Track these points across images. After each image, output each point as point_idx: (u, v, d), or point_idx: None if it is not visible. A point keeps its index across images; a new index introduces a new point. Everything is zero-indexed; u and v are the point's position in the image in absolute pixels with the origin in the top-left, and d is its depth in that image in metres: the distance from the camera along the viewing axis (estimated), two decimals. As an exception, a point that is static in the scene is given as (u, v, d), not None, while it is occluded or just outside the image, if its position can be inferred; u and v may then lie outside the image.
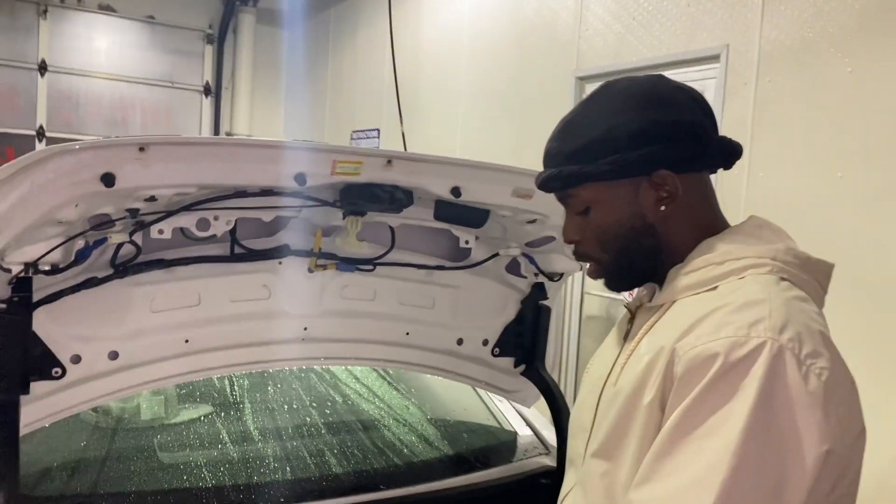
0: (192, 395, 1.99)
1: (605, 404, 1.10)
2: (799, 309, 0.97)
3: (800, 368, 0.89)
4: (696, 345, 0.92)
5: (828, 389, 0.90)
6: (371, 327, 1.83)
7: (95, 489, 1.54)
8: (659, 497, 0.90)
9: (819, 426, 0.89)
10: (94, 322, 1.51)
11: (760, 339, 0.90)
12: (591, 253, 1.13)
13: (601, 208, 1.09)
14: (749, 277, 1.01)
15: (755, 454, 0.87)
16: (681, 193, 1.06)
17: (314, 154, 1.36)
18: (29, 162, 1.14)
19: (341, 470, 1.74)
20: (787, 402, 0.88)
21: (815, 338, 0.93)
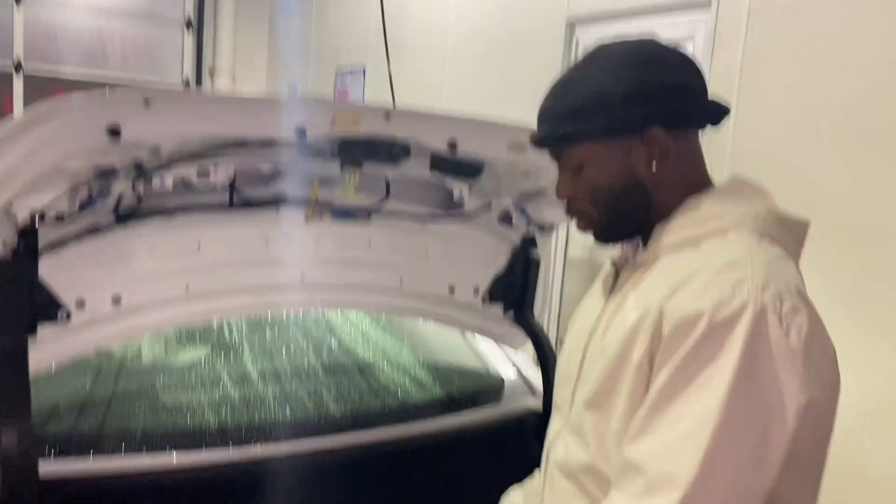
0: (192, 339, 2.05)
1: (592, 356, 1.16)
2: (779, 268, 1.02)
3: (781, 325, 0.95)
4: (684, 306, 0.98)
5: (807, 344, 0.97)
6: (366, 275, 1.88)
7: (103, 427, 1.61)
8: (652, 451, 0.97)
9: (800, 378, 0.95)
10: (98, 269, 1.55)
11: (744, 298, 0.95)
12: (583, 209, 1.17)
13: (594, 166, 1.13)
14: (731, 237, 1.06)
15: (741, 407, 0.94)
16: (672, 152, 1.10)
17: (315, 108, 1.39)
18: (37, 115, 1.16)
19: (338, 409, 1.81)
20: (769, 358, 0.95)
21: (794, 295, 0.99)
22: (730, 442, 0.93)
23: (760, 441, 0.95)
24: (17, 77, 7.48)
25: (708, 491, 0.93)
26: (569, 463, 1.16)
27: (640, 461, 0.98)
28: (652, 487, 0.95)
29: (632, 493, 0.97)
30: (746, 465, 0.95)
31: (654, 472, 0.96)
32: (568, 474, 1.16)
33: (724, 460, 0.93)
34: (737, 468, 0.94)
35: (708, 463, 0.93)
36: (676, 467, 0.94)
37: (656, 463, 0.96)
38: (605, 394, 1.09)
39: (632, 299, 1.11)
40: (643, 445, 0.98)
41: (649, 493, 0.95)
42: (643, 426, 0.99)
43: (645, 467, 0.97)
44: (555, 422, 1.28)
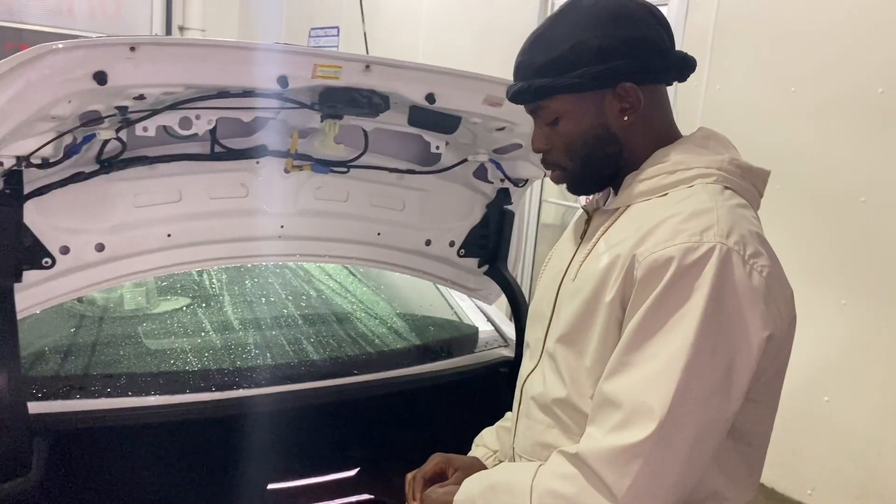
0: (173, 287, 2.08)
1: (564, 297, 1.23)
2: (741, 215, 1.10)
3: (744, 267, 1.03)
4: (655, 251, 1.05)
5: (768, 284, 1.05)
6: (344, 227, 1.92)
7: (88, 371, 1.65)
8: (628, 386, 1.04)
9: (762, 315, 1.04)
10: (82, 215, 1.57)
11: (710, 243, 1.03)
12: (559, 161, 1.23)
13: (569, 119, 1.18)
14: (697, 186, 1.13)
15: (709, 343, 1.01)
16: (642, 105, 1.16)
17: (296, 57, 1.41)
18: (25, 59, 1.18)
19: (318, 357, 1.87)
20: (734, 297, 1.02)
21: (756, 240, 1.07)
22: (699, 375, 1.01)
23: (727, 373, 1.03)
24: (-20, 31, 7.30)
25: (680, 420, 1.01)
26: (545, 397, 1.22)
27: (617, 396, 1.05)
28: (628, 420, 1.02)
29: (609, 426, 1.04)
30: (714, 395, 1.03)
31: (629, 405, 1.03)
32: (543, 407, 1.23)
33: (695, 392, 1.01)
34: (706, 398, 1.02)
35: (680, 395, 1.00)
36: (651, 400, 1.01)
37: (632, 397, 1.03)
38: (578, 332, 1.16)
39: (603, 244, 1.17)
40: (619, 382, 1.05)
41: (626, 425, 1.02)
42: (619, 364, 1.06)
43: (621, 401, 1.04)
44: (527, 361, 1.35)
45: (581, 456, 1.06)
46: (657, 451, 1.00)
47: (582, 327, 1.15)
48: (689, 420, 1.02)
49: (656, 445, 1.00)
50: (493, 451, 1.49)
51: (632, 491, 1.00)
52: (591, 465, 1.04)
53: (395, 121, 1.71)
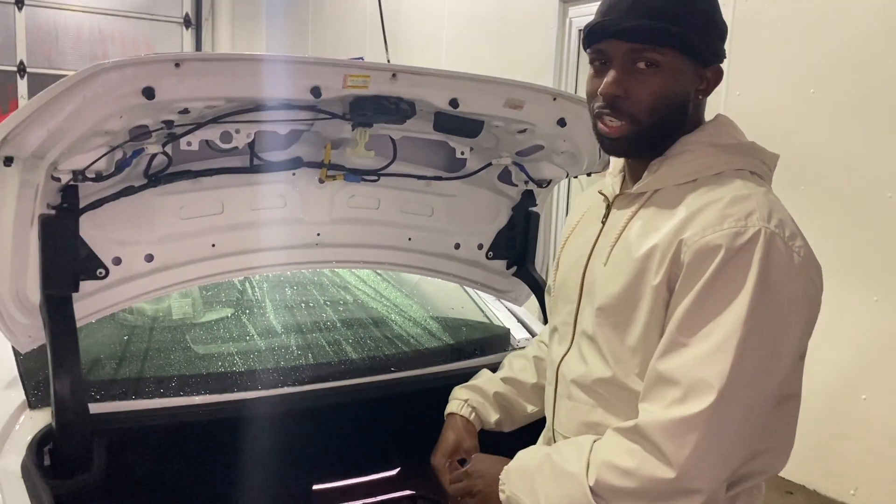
0: (217, 297, 2.19)
1: (597, 280, 1.27)
2: (773, 200, 1.17)
3: (786, 248, 1.10)
4: (704, 236, 1.11)
5: (805, 262, 1.12)
6: (377, 233, 2.01)
7: (142, 374, 1.74)
8: (684, 364, 1.10)
9: (804, 292, 1.12)
10: (131, 228, 1.67)
11: (756, 227, 1.10)
12: (635, 112, 1.19)
13: (669, 76, 1.17)
14: (726, 173, 1.20)
15: (759, 322, 1.08)
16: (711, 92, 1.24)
17: (327, 68, 1.51)
18: (81, 77, 1.29)
19: (357, 356, 1.94)
20: (780, 278, 1.09)
21: (791, 223, 1.15)
22: (752, 351, 1.08)
23: (775, 348, 1.10)
24: (21, 79, 7.62)
25: (736, 393, 1.07)
26: (587, 377, 1.27)
27: (673, 374, 1.10)
28: (686, 395, 1.08)
29: (667, 402, 1.10)
30: (765, 369, 1.09)
31: (687, 381, 1.09)
32: (586, 388, 1.28)
33: (749, 367, 1.08)
34: (757, 373, 1.09)
35: (736, 370, 1.07)
36: (708, 375, 1.07)
37: (689, 374, 1.09)
38: (620, 314, 1.21)
39: (636, 228, 1.22)
40: (674, 360, 1.11)
41: (684, 399, 1.08)
42: (673, 344, 1.12)
43: (678, 378, 1.09)
44: (556, 345, 1.40)
45: (640, 429, 1.11)
46: (714, 422, 1.06)
47: (624, 309, 1.20)
48: (744, 393, 1.08)
49: (713, 417, 1.06)
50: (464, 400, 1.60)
51: (690, 460, 1.06)
52: (651, 436, 1.09)
53: (421, 128, 1.80)
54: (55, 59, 7.78)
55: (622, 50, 1.18)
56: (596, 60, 1.23)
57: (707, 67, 1.22)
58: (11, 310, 1.55)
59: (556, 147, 1.89)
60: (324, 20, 7.57)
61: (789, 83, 3.46)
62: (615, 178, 1.35)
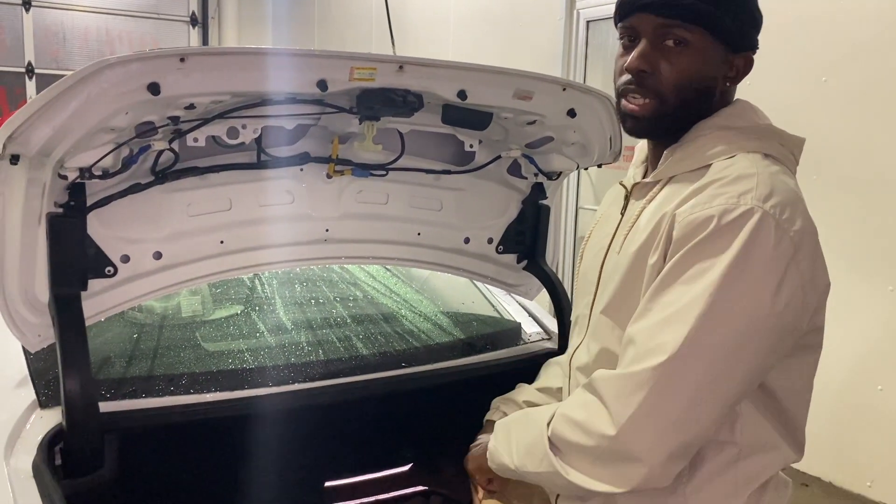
0: (227, 294, 2.18)
1: (609, 270, 1.27)
2: (782, 181, 1.14)
3: (777, 231, 1.07)
4: (693, 212, 1.10)
5: (797, 250, 1.08)
6: (386, 228, 1.99)
7: (152, 372, 1.73)
8: (646, 328, 1.10)
9: (789, 278, 1.08)
10: (139, 225, 1.66)
11: (748, 206, 1.07)
12: (660, 89, 1.19)
13: (697, 56, 1.18)
14: (739, 155, 1.17)
15: (729, 298, 1.06)
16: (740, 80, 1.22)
17: (333, 61, 1.49)
18: (84, 74, 1.27)
19: (367, 352, 1.93)
20: (762, 259, 1.06)
21: (795, 206, 1.11)
22: (715, 324, 1.06)
23: (746, 329, 1.07)
24: (29, 80, 7.65)
25: (688, 361, 1.06)
26: (589, 368, 1.27)
27: (634, 336, 1.11)
28: (640, 356, 1.09)
29: (624, 363, 1.11)
30: (726, 350, 1.07)
31: (643, 343, 1.09)
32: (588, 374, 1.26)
33: (708, 338, 1.06)
34: (718, 348, 1.07)
35: (692, 339, 1.05)
36: (663, 338, 1.07)
37: (647, 336, 1.09)
38: (622, 299, 1.20)
39: (647, 215, 1.22)
40: (639, 325, 1.12)
41: (638, 361, 1.09)
42: (642, 310, 1.12)
43: (636, 340, 1.10)
44: (574, 337, 1.40)
45: (593, 382, 1.13)
46: (659, 385, 1.06)
47: (626, 293, 1.20)
48: (698, 363, 1.06)
49: (660, 379, 1.06)
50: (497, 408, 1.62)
51: (631, 420, 1.07)
52: (600, 390, 1.11)
53: (429, 121, 1.78)
54: (63, 59, 7.81)
55: (652, 25, 1.18)
56: (625, 37, 1.22)
57: (737, 54, 1.20)
58: (21, 309, 1.54)
59: (566, 138, 1.87)
60: (330, 18, 7.55)
61: (801, 72, 3.42)
62: (637, 169, 1.34)
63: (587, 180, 4.84)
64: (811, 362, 1.22)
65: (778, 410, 1.19)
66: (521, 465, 1.24)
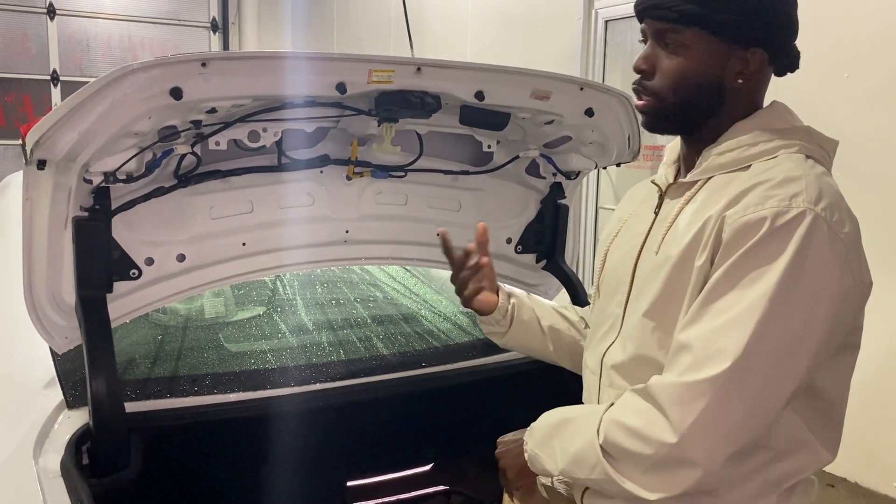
0: (249, 295, 2.21)
1: (645, 270, 1.26)
2: (827, 183, 1.14)
3: (830, 233, 1.07)
4: (745, 214, 1.09)
5: (849, 251, 1.09)
6: (405, 229, 2.00)
7: (176, 373, 1.76)
8: (701, 335, 1.09)
9: (840, 280, 1.08)
10: (163, 228, 1.69)
11: (801, 208, 1.07)
12: (659, 90, 1.21)
13: (693, 55, 1.19)
14: (781, 157, 1.17)
15: (787, 301, 1.05)
16: (756, 78, 1.21)
17: (352, 64, 1.50)
18: (109, 80, 1.30)
19: (388, 352, 1.95)
20: (817, 261, 1.06)
21: (842, 207, 1.11)
22: (775, 328, 1.05)
23: (803, 331, 1.07)
24: (54, 88, 7.77)
25: (751, 367, 1.05)
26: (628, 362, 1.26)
27: (690, 342, 1.09)
28: (700, 362, 1.07)
29: (682, 368, 1.09)
30: (787, 350, 1.07)
31: (702, 349, 1.07)
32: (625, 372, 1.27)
33: (768, 343, 1.05)
34: (777, 353, 1.06)
35: (753, 344, 1.04)
36: (724, 344, 1.05)
37: (704, 342, 1.07)
38: (667, 301, 1.19)
39: (687, 215, 1.20)
40: (694, 330, 1.10)
41: (697, 367, 1.07)
42: (695, 315, 1.11)
43: (693, 346, 1.08)
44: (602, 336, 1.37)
45: (650, 389, 1.11)
46: (723, 391, 1.05)
47: (671, 295, 1.18)
48: (759, 369, 1.05)
49: (722, 386, 1.05)
50: None
51: (693, 428, 1.05)
52: (658, 398, 1.09)
53: (447, 122, 1.79)
54: (87, 66, 7.93)
55: (653, 28, 1.22)
56: (642, 40, 1.26)
57: (747, 50, 1.18)
58: (48, 311, 1.57)
59: (584, 138, 1.87)
60: (348, 20, 7.59)
61: (822, 68, 3.39)
62: (669, 169, 1.34)
63: (607, 180, 4.83)
64: (851, 361, 1.21)
65: (818, 410, 1.18)
66: (569, 471, 1.22)
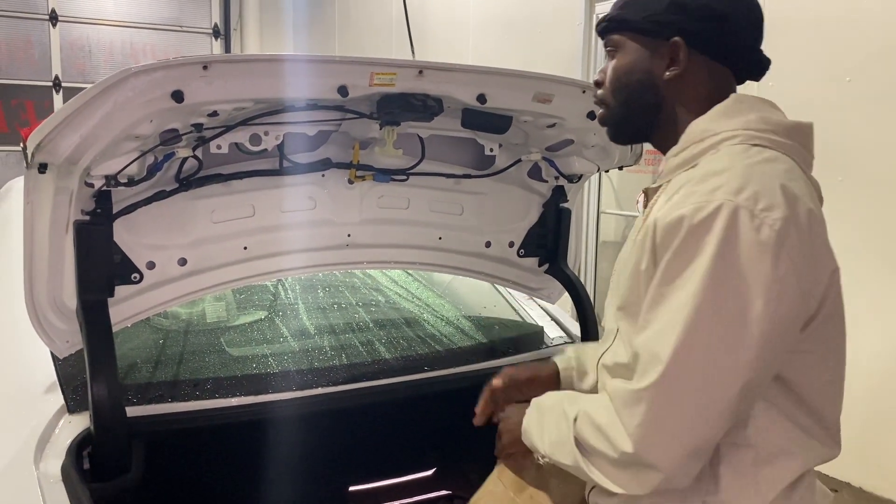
0: (251, 300, 2.20)
1: (616, 273, 1.30)
2: (761, 171, 1.11)
3: (753, 221, 1.05)
4: (669, 214, 1.10)
5: (780, 237, 1.05)
6: (407, 233, 2.00)
7: (178, 377, 1.75)
8: (643, 342, 1.12)
9: (774, 266, 1.05)
10: (164, 232, 1.69)
11: (718, 202, 1.06)
12: (605, 97, 1.30)
13: (624, 55, 1.26)
14: (722, 150, 1.16)
15: (714, 296, 1.05)
16: (686, 66, 1.21)
17: (354, 66, 1.50)
18: (111, 82, 1.30)
19: (390, 356, 1.94)
20: (742, 252, 1.05)
21: (775, 193, 1.08)
22: (704, 326, 1.05)
23: (739, 324, 1.05)
24: (56, 94, 7.78)
25: (686, 368, 1.06)
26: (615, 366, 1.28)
27: (637, 349, 1.13)
28: (643, 369, 1.10)
29: (635, 376, 1.13)
30: (721, 350, 1.06)
31: (644, 356, 1.11)
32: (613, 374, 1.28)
33: (700, 341, 1.06)
34: (712, 351, 1.06)
35: (683, 344, 1.05)
36: (657, 350, 1.08)
37: (645, 349, 1.11)
38: (631, 304, 1.21)
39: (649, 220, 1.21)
40: (640, 337, 1.13)
41: (642, 374, 1.10)
42: (643, 321, 1.14)
43: (640, 354, 1.12)
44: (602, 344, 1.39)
45: (609, 394, 1.16)
46: (661, 397, 1.07)
47: (632, 298, 1.21)
48: (696, 369, 1.06)
49: (660, 392, 1.07)
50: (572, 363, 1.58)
51: (642, 432, 1.08)
52: (615, 403, 1.14)
53: (449, 126, 1.79)
54: (89, 72, 7.95)
55: (604, 46, 1.32)
56: None
57: (669, 41, 1.20)
58: (49, 315, 1.56)
59: (587, 141, 1.86)
60: (349, 25, 7.60)
61: (825, 71, 3.38)
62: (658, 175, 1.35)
63: (608, 184, 4.82)
64: (833, 353, 1.18)
65: (801, 407, 1.16)
66: (551, 453, 1.27)
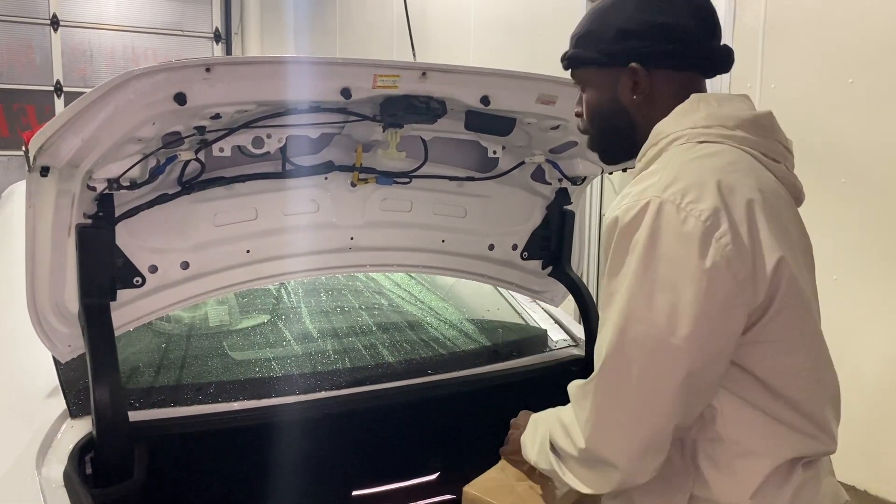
0: (253, 303, 2.19)
1: None
2: (697, 165, 1.12)
3: (679, 214, 1.07)
4: (607, 217, 1.15)
5: (708, 228, 1.05)
6: (410, 236, 1.99)
7: (180, 382, 1.74)
8: (598, 339, 1.16)
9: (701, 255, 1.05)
10: (167, 235, 1.68)
11: (646, 199, 1.09)
12: (586, 127, 1.34)
13: (591, 89, 1.30)
14: (671, 150, 1.17)
15: (643, 293, 1.07)
16: (649, 86, 1.22)
17: (357, 68, 1.49)
18: (113, 85, 1.29)
19: (393, 359, 1.93)
20: (668, 243, 1.07)
21: (705, 186, 1.08)
22: (636, 319, 1.08)
23: (670, 314, 1.06)
24: (58, 98, 7.78)
25: (623, 361, 1.10)
26: None
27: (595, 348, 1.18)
28: (595, 367, 1.15)
29: None
30: (655, 343, 1.07)
31: (597, 354, 1.15)
32: None
33: (633, 334, 1.08)
34: (646, 344, 1.08)
35: (619, 338, 1.09)
36: (602, 344, 1.13)
37: (597, 346, 1.16)
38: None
39: None
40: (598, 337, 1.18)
41: (594, 372, 1.15)
42: (599, 323, 1.18)
43: (596, 352, 1.16)
44: None
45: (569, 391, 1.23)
46: (602, 391, 1.13)
47: None
48: (632, 363, 1.09)
49: (600, 385, 1.13)
50: None
51: (588, 424, 1.15)
52: (571, 401, 1.21)
53: (452, 128, 1.78)
54: (90, 77, 7.93)
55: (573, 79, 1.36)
56: None
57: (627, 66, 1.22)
58: (51, 319, 1.55)
59: (590, 142, 1.85)
60: (351, 30, 7.60)
61: (826, 73, 3.38)
62: None
63: (610, 187, 4.81)
64: (804, 341, 1.16)
65: (773, 397, 1.13)
66: (537, 462, 1.32)
